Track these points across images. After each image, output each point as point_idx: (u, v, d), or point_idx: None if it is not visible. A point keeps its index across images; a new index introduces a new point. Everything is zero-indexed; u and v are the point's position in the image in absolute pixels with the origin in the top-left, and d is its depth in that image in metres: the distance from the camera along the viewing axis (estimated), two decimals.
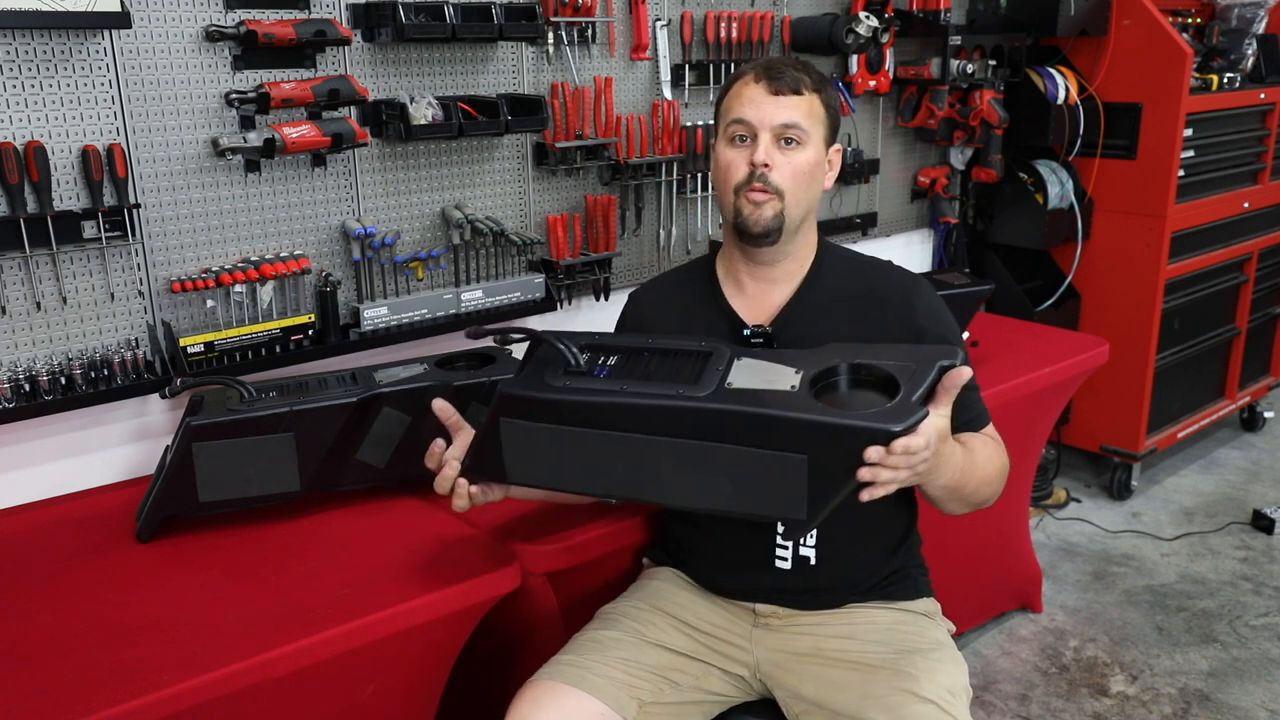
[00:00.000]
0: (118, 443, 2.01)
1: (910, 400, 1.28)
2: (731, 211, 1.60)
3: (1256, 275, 3.97)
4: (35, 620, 1.50)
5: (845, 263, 1.69)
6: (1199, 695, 2.61)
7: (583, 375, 1.43)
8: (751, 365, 1.41)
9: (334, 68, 2.11)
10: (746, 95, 1.57)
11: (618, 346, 1.50)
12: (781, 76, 1.56)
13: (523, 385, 1.44)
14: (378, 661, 1.56)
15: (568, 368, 1.44)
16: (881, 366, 1.35)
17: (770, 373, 1.38)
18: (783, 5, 2.87)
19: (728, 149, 1.60)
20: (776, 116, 1.55)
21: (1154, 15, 3.32)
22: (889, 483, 1.28)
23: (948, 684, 1.53)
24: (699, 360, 1.43)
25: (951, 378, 1.31)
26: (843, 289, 1.64)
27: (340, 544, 1.73)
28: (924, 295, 1.64)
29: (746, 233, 1.58)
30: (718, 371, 1.39)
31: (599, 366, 1.45)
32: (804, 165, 1.57)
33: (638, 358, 1.46)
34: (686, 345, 1.47)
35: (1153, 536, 3.41)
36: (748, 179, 1.56)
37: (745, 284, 1.67)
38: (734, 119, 1.58)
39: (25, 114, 1.79)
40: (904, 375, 1.32)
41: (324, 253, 2.19)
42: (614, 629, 1.65)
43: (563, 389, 1.41)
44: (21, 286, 1.83)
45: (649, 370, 1.43)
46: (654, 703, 1.56)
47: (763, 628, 1.66)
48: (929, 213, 3.55)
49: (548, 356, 1.47)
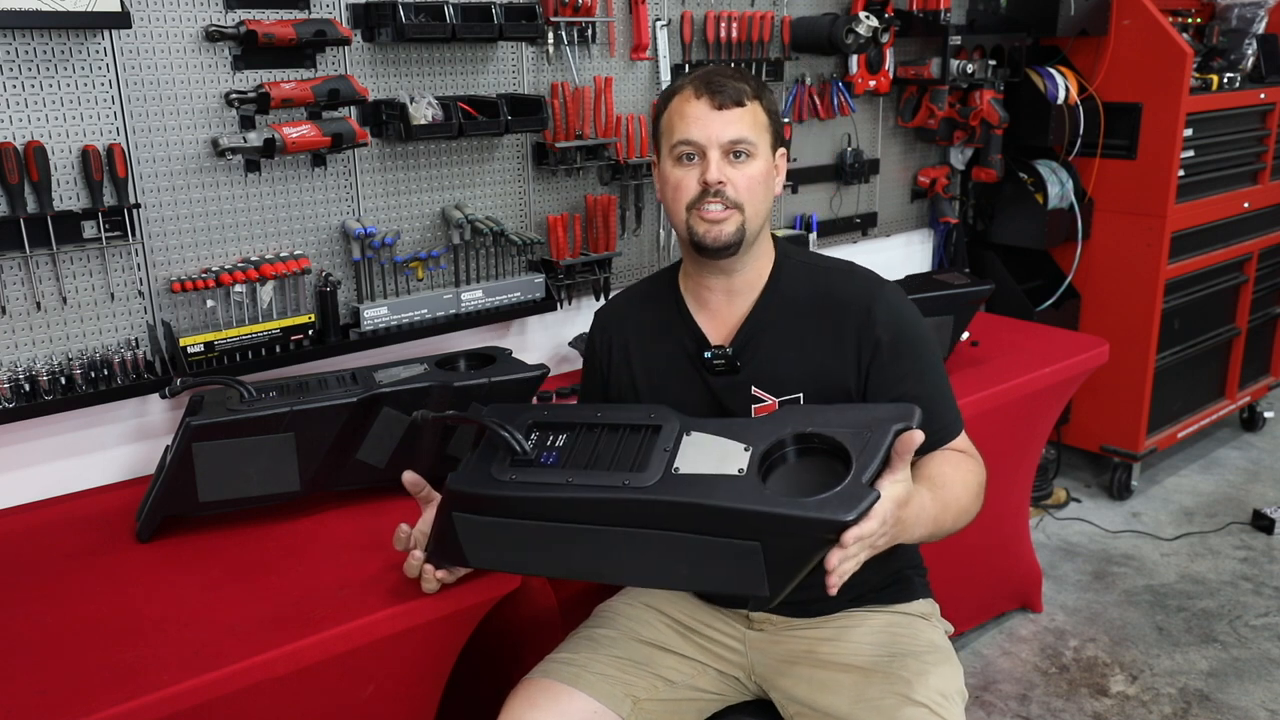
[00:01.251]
0: (118, 443, 2.01)
1: (860, 482, 1.23)
2: (685, 230, 1.55)
3: (1256, 275, 3.97)
4: (35, 620, 1.50)
5: (804, 269, 1.64)
6: (1199, 695, 2.61)
7: (529, 465, 1.39)
8: (700, 442, 1.37)
9: (334, 68, 2.11)
10: (690, 113, 1.51)
11: (566, 423, 1.47)
12: (723, 90, 1.50)
13: (468, 481, 1.41)
14: (378, 661, 1.56)
15: (514, 456, 1.41)
16: (833, 436, 1.31)
17: (719, 451, 1.34)
18: (783, 5, 2.87)
19: (675, 168, 1.54)
20: (725, 134, 1.50)
21: (1154, 15, 3.32)
22: (851, 569, 1.24)
23: (941, 686, 1.52)
24: (649, 437, 1.39)
25: (904, 442, 1.27)
26: (802, 299, 1.60)
27: (340, 544, 1.73)
28: (887, 302, 1.56)
29: (706, 249, 1.54)
30: (665, 452, 1.36)
31: (546, 451, 1.42)
32: (757, 176, 1.54)
33: (586, 435, 1.43)
34: (635, 418, 1.44)
35: (1153, 536, 3.41)
36: (699, 196, 1.52)
37: (706, 299, 1.63)
38: (680, 140, 1.52)
39: (25, 114, 1.79)
40: (856, 445, 1.28)
41: (324, 253, 2.19)
42: (609, 627, 1.65)
43: (508, 484, 1.38)
44: (21, 286, 1.83)
45: (597, 453, 1.40)
46: (649, 700, 1.56)
47: (757, 631, 1.66)
48: (929, 213, 3.55)
49: (496, 441, 1.43)
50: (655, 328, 1.67)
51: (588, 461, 1.39)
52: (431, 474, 1.89)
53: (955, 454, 1.54)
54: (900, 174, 3.40)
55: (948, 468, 1.49)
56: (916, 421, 1.30)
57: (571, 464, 1.39)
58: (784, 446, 1.34)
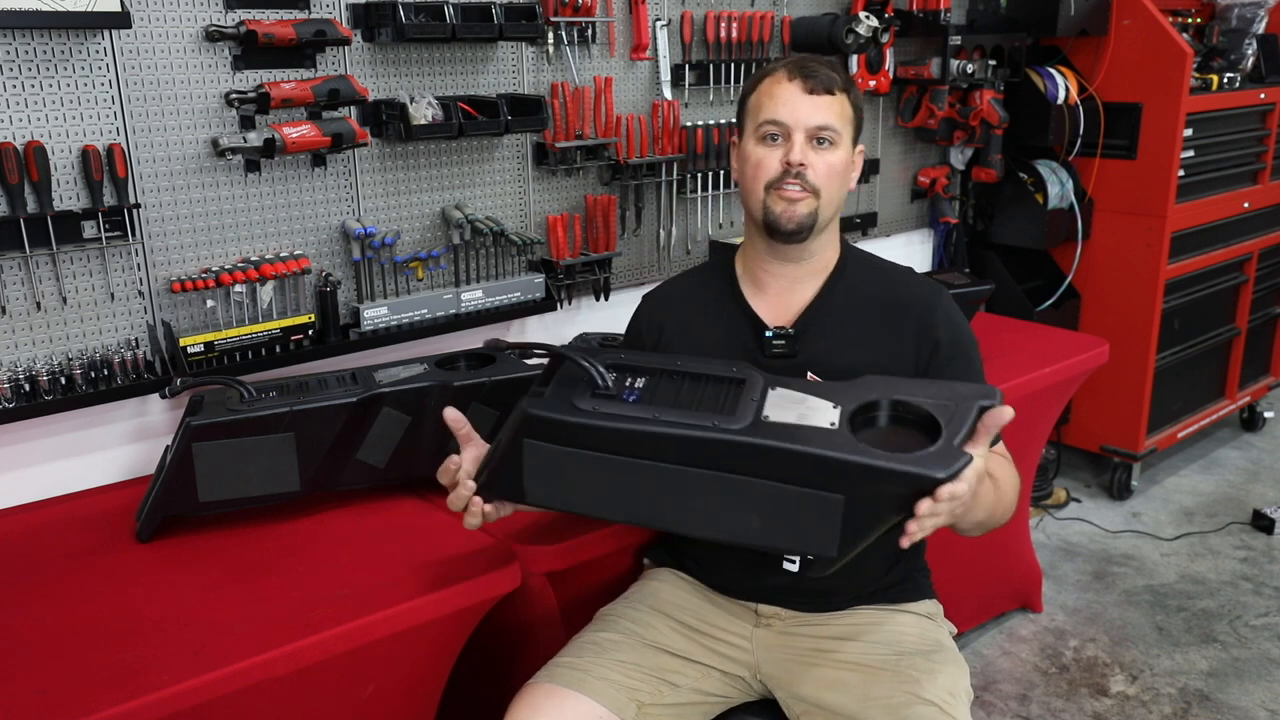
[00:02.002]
0: (118, 443, 2.01)
1: (953, 444, 1.26)
2: (760, 209, 1.58)
3: (1256, 275, 3.97)
4: (35, 620, 1.50)
5: (868, 267, 1.69)
6: (1199, 695, 2.61)
7: (611, 398, 1.36)
8: (786, 396, 1.36)
9: (334, 68, 2.11)
10: (780, 94, 1.55)
11: (645, 367, 1.43)
12: (816, 75, 1.55)
13: (549, 407, 1.36)
14: (378, 661, 1.56)
15: (595, 389, 1.37)
16: (922, 405, 1.32)
17: (807, 406, 1.34)
18: (783, 5, 2.87)
19: (757, 147, 1.58)
20: (812, 118, 1.54)
21: (1154, 15, 3.32)
22: (930, 529, 1.28)
23: (949, 686, 1.53)
24: (732, 388, 1.37)
25: (992, 417, 1.30)
26: (865, 293, 1.64)
27: (340, 544, 1.73)
28: (945, 306, 1.63)
29: (778, 230, 1.57)
30: (753, 401, 1.34)
31: (627, 389, 1.38)
32: (837, 165, 1.57)
33: (667, 380, 1.40)
34: (717, 370, 1.41)
35: (1153, 536, 3.41)
36: (780, 177, 1.55)
37: (767, 284, 1.65)
38: (767, 119, 1.56)
39: (25, 114, 1.79)
40: (944, 415, 1.29)
41: (324, 253, 2.19)
42: (613, 631, 1.64)
43: (592, 414, 1.34)
44: (21, 286, 1.83)
45: (680, 396, 1.37)
46: (653, 704, 1.56)
47: (764, 628, 1.66)
48: (929, 213, 3.55)
49: (572, 375, 1.40)
50: (706, 310, 1.68)
51: (672, 403, 1.36)
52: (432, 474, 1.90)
53: (1000, 457, 1.58)
54: (900, 174, 3.40)
55: (998, 468, 1.53)
56: (999, 400, 1.32)
57: (655, 403, 1.36)
58: (874, 410, 1.35)
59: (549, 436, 1.37)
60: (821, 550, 1.32)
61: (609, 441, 1.35)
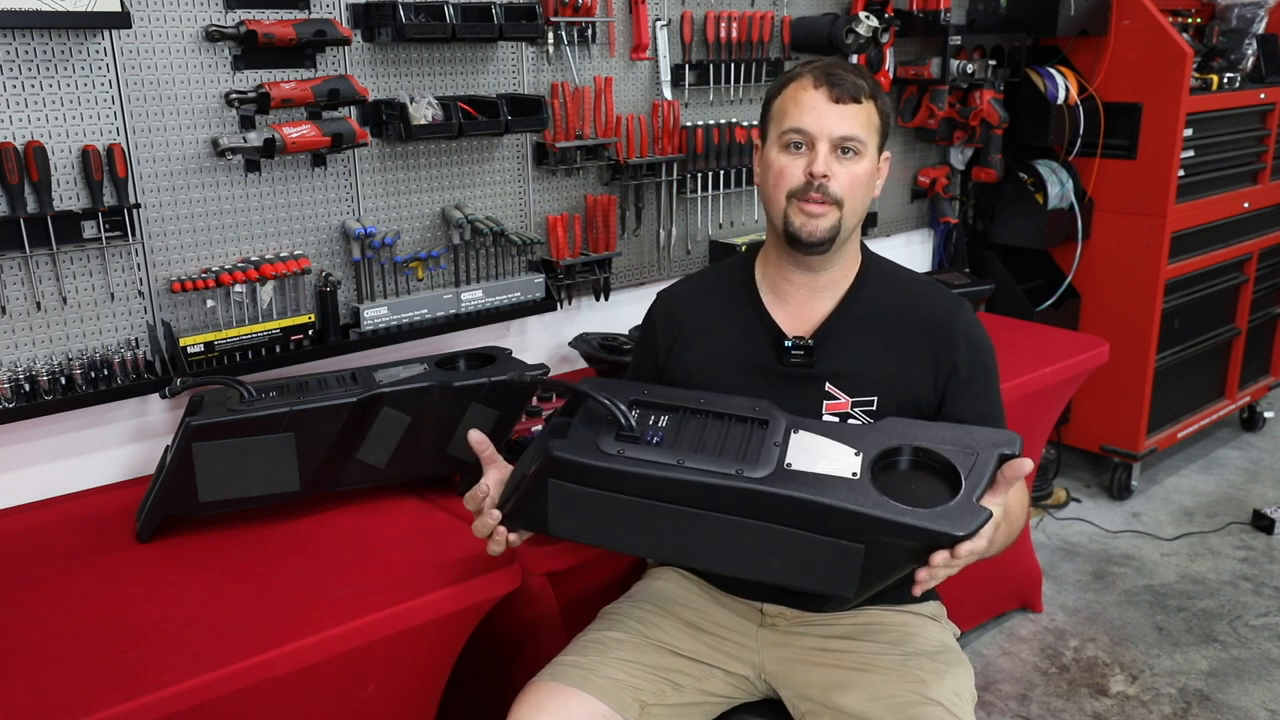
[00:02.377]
0: (118, 443, 2.01)
1: (972, 500, 1.28)
2: (782, 219, 1.56)
3: (1256, 275, 3.97)
4: (35, 620, 1.50)
5: (889, 276, 1.67)
6: (1199, 695, 2.61)
7: (635, 441, 1.38)
8: (809, 441, 1.38)
9: (334, 68, 2.11)
10: (805, 102, 1.52)
11: (668, 405, 1.45)
12: (842, 83, 1.51)
13: (573, 450, 1.37)
14: (378, 661, 1.56)
15: (619, 431, 1.39)
16: (942, 454, 1.34)
17: (829, 452, 1.36)
18: (783, 5, 2.87)
19: (781, 154, 1.55)
20: (838, 127, 1.51)
21: (1154, 15, 3.32)
22: (942, 578, 1.30)
23: (955, 686, 1.53)
24: (755, 429, 1.39)
25: (1011, 469, 1.31)
26: (885, 306, 1.62)
27: (340, 544, 1.73)
28: (966, 321, 1.62)
29: (799, 242, 1.55)
30: (775, 446, 1.36)
31: (650, 429, 1.40)
32: (861, 175, 1.55)
33: (690, 420, 1.42)
34: (740, 409, 1.43)
35: (1153, 536, 3.41)
36: (803, 188, 1.53)
37: (787, 293, 1.64)
38: (791, 126, 1.53)
39: (25, 114, 1.79)
40: (964, 464, 1.31)
41: (324, 253, 2.19)
42: (617, 630, 1.64)
43: (616, 457, 1.36)
44: (21, 286, 1.83)
45: (703, 438, 1.39)
46: (656, 704, 1.55)
47: (769, 628, 1.66)
48: (929, 213, 3.55)
49: (596, 412, 1.41)
50: (724, 316, 1.67)
51: (695, 446, 1.38)
52: (432, 474, 1.91)
53: None
54: (900, 174, 3.40)
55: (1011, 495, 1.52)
56: (1018, 449, 1.33)
57: (678, 446, 1.38)
58: (895, 456, 1.36)
59: (573, 478, 1.39)
60: (839, 591, 1.36)
61: (632, 485, 1.37)
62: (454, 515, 1.82)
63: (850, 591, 1.35)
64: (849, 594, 1.36)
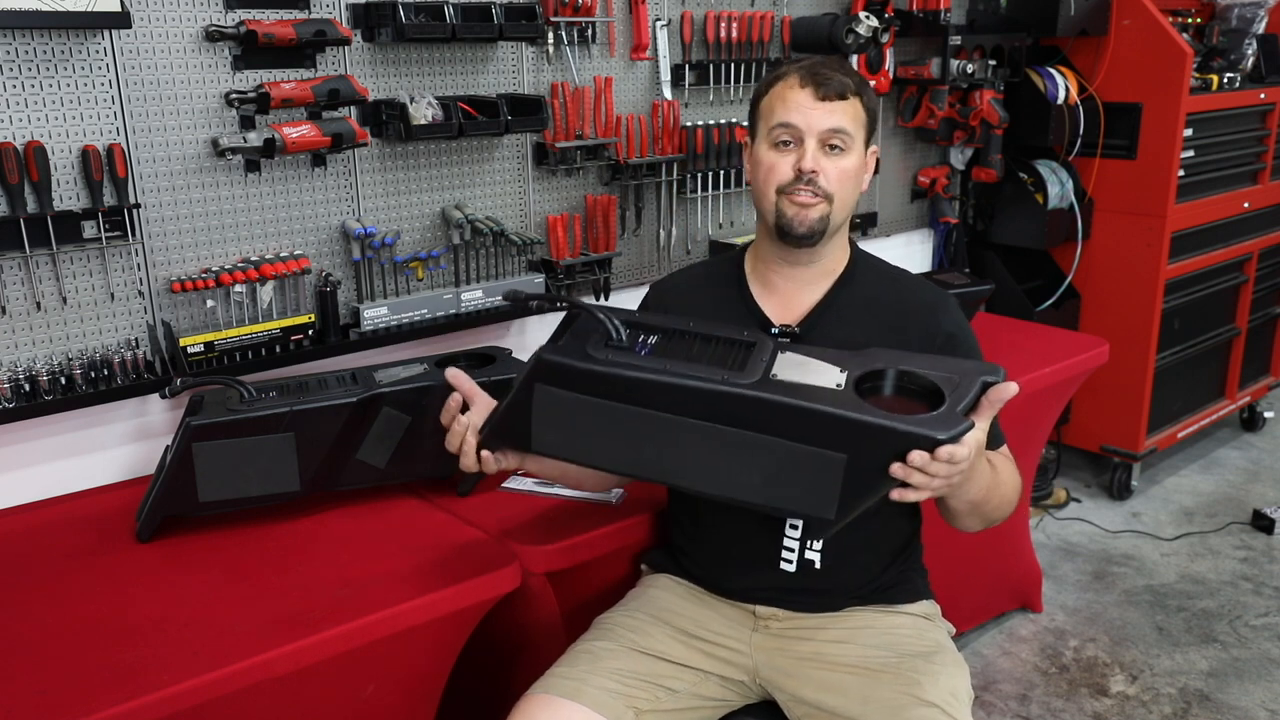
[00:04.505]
0: (118, 443, 2.01)
1: (955, 411, 1.28)
2: (773, 213, 1.59)
3: (1256, 275, 3.97)
4: (35, 620, 1.50)
5: (876, 271, 1.70)
6: (1199, 695, 2.61)
7: (624, 350, 1.39)
8: (795, 360, 1.39)
9: (334, 68, 2.11)
10: (792, 100, 1.56)
11: (659, 326, 1.46)
12: (829, 82, 1.55)
13: (563, 353, 1.39)
14: (378, 661, 1.56)
15: (609, 340, 1.40)
16: (926, 375, 1.35)
17: (814, 369, 1.37)
18: (783, 5, 2.87)
19: (770, 151, 1.59)
20: (824, 123, 1.55)
21: (1154, 15, 3.32)
22: (923, 488, 1.29)
23: (950, 687, 1.53)
24: (742, 349, 1.40)
25: (997, 391, 1.32)
26: (872, 297, 1.65)
27: (340, 544, 1.73)
28: (951, 313, 1.65)
29: (790, 233, 1.57)
30: (762, 361, 1.37)
31: (640, 343, 1.42)
32: (850, 170, 1.58)
33: (679, 339, 1.43)
34: (729, 333, 1.44)
35: (1153, 536, 3.41)
36: (792, 182, 1.56)
37: (776, 284, 1.66)
38: (779, 123, 1.57)
39: (25, 114, 1.79)
40: (948, 386, 1.32)
41: (324, 253, 2.19)
42: (608, 639, 1.63)
43: (606, 361, 1.37)
44: (21, 286, 1.83)
45: (691, 352, 1.40)
46: (651, 711, 1.55)
47: (762, 631, 1.66)
48: (929, 213, 3.55)
49: (587, 327, 1.43)
50: (714, 306, 1.68)
51: (684, 357, 1.39)
52: (432, 474, 1.91)
53: (1003, 457, 1.60)
54: (900, 174, 3.40)
55: (999, 461, 1.56)
56: (1002, 376, 1.34)
57: (668, 357, 1.39)
58: (879, 377, 1.37)
59: (561, 382, 1.40)
60: (820, 511, 1.35)
61: (619, 389, 1.37)
62: (454, 515, 1.82)
63: (831, 512, 1.34)
64: (830, 515, 1.34)
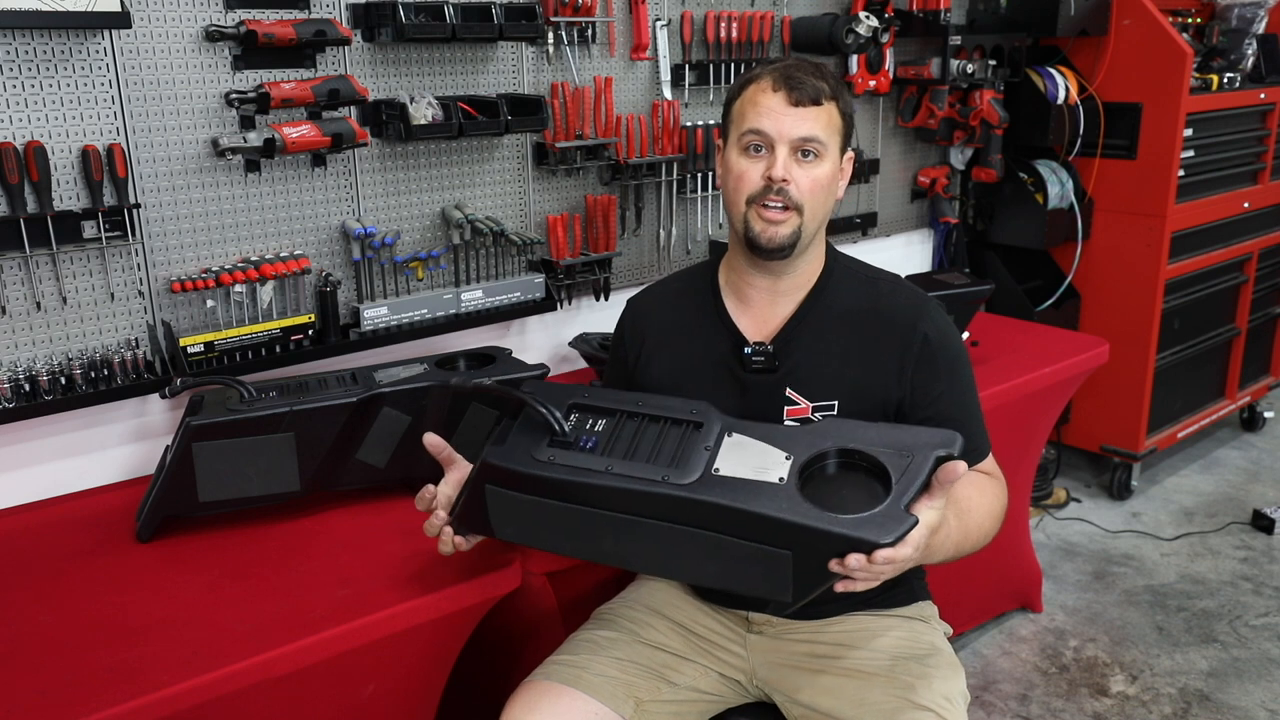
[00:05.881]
0: (118, 443, 2.01)
1: (899, 506, 1.25)
2: (742, 224, 1.54)
3: (1256, 275, 3.97)
4: (35, 620, 1.50)
5: (853, 277, 1.63)
6: (1199, 695, 2.61)
7: (568, 447, 1.39)
8: (742, 445, 1.37)
9: (334, 68, 2.11)
10: (764, 104, 1.50)
11: (607, 409, 1.45)
12: (802, 86, 1.48)
13: (506, 457, 1.40)
14: (378, 661, 1.56)
15: (553, 436, 1.40)
16: (874, 455, 1.31)
17: (760, 456, 1.35)
18: (783, 5, 2.87)
19: (740, 158, 1.53)
20: (796, 130, 1.48)
21: (1154, 15, 3.32)
22: (868, 583, 1.27)
23: (944, 690, 1.52)
24: (689, 433, 1.39)
25: (947, 471, 1.27)
26: (848, 305, 1.59)
27: (340, 544, 1.73)
28: (932, 316, 1.57)
29: (759, 248, 1.52)
30: (705, 452, 1.36)
31: (585, 435, 1.41)
32: (822, 178, 1.52)
33: (627, 425, 1.42)
34: (677, 412, 1.43)
35: (1153, 536, 3.41)
36: (762, 191, 1.50)
37: (750, 297, 1.61)
38: (750, 129, 1.51)
39: (25, 114, 1.79)
40: (897, 467, 1.29)
41: (324, 253, 2.19)
42: (610, 629, 1.64)
43: (546, 464, 1.38)
44: (21, 286, 1.83)
45: (637, 444, 1.39)
46: (651, 701, 1.55)
47: (757, 634, 1.66)
48: (929, 213, 3.55)
49: (535, 419, 1.43)
50: (689, 322, 1.66)
51: (627, 451, 1.38)
52: (432, 474, 1.90)
53: (982, 477, 1.55)
54: (900, 174, 3.40)
55: (974, 491, 1.49)
56: (959, 450, 1.30)
57: (611, 451, 1.39)
58: (825, 459, 1.35)
59: (507, 484, 1.41)
60: (777, 596, 1.35)
61: (563, 492, 1.38)
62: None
63: (788, 596, 1.33)
64: (787, 599, 1.34)
